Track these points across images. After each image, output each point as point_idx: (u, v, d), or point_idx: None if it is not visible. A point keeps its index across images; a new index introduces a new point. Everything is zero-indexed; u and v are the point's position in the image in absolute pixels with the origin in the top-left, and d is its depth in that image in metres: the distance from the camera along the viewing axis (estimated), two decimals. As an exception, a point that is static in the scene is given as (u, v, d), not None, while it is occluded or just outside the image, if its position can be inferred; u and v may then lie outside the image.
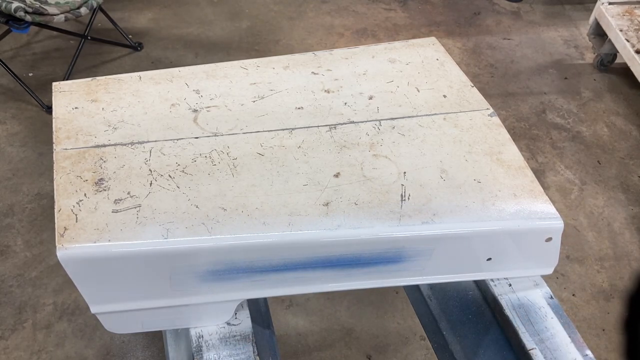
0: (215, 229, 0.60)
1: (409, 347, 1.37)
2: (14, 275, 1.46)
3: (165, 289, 0.63)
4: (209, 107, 0.75)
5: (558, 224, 0.67)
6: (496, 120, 0.78)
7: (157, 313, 0.66)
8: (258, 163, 0.68)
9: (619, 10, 2.14)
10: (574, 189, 1.79)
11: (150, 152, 0.68)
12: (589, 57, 2.33)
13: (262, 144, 0.71)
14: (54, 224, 0.60)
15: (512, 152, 0.73)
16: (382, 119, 0.76)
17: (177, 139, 0.70)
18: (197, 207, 0.62)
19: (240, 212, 0.62)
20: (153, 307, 0.65)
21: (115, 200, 0.62)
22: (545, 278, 0.75)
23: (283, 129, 0.73)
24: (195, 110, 0.75)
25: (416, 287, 0.82)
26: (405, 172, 0.69)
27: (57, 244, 0.58)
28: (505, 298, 0.71)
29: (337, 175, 0.68)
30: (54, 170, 0.65)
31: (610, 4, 2.16)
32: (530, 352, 0.66)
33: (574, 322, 0.71)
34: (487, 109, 0.79)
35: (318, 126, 0.74)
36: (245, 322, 0.67)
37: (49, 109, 1.90)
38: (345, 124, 0.75)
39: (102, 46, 2.19)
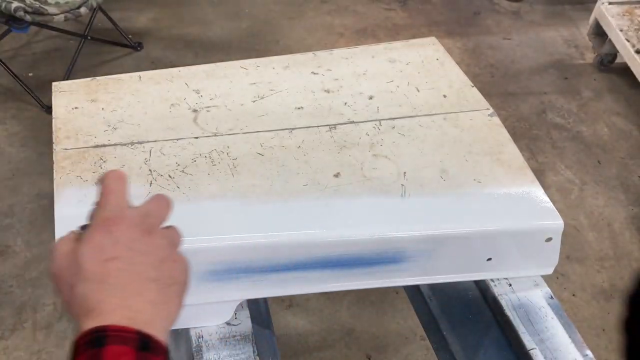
0: (214, 229, 0.60)
1: (409, 347, 1.37)
2: (14, 275, 1.46)
3: (165, 289, 0.63)
4: (208, 107, 0.75)
5: (558, 224, 0.67)
6: (496, 120, 0.78)
7: (157, 313, 0.66)
8: (258, 163, 0.68)
9: (619, 10, 2.14)
10: (574, 188, 1.79)
11: (150, 152, 0.68)
12: (589, 57, 2.33)
13: (262, 144, 0.71)
14: (54, 224, 0.60)
15: (512, 152, 0.73)
16: (382, 119, 0.76)
17: (177, 139, 0.70)
18: (196, 207, 0.62)
19: (240, 213, 0.62)
20: (153, 307, 0.65)
21: (115, 200, 0.62)
22: (546, 278, 0.75)
23: (283, 129, 0.73)
24: (195, 110, 0.75)
25: (416, 287, 0.82)
26: (405, 172, 0.69)
27: (56, 244, 0.58)
28: (506, 298, 0.71)
29: (337, 175, 0.68)
30: (54, 170, 0.65)
31: (610, 3, 2.16)
32: (530, 352, 0.66)
33: (574, 322, 0.71)
34: (488, 109, 0.79)
35: (318, 126, 0.74)
36: (245, 322, 0.67)
37: (48, 109, 1.90)
38: (345, 123, 0.75)
39: (102, 46, 2.19)
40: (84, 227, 0.40)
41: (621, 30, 2.05)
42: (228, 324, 0.66)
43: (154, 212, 0.41)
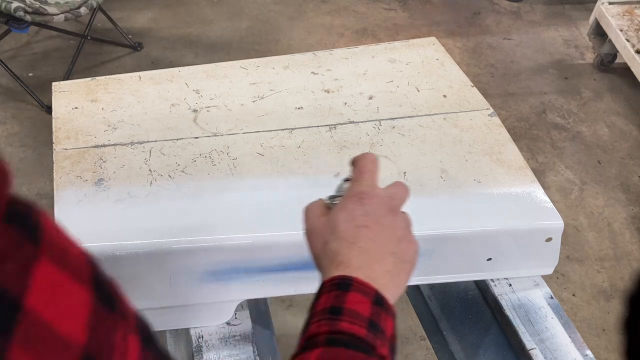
0: (215, 229, 0.60)
1: (409, 347, 1.37)
2: (13, 275, 1.46)
3: (165, 289, 0.63)
4: (208, 107, 0.75)
5: (558, 224, 0.67)
6: (496, 120, 0.78)
7: (157, 313, 0.66)
8: (258, 163, 0.68)
9: (619, 10, 2.14)
10: (574, 189, 1.79)
11: (150, 152, 0.68)
12: (589, 57, 2.33)
13: (262, 144, 0.71)
14: (54, 224, 0.60)
15: (512, 152, 0.73)
16: (382, 119, 0.76)
17: (177, 139, 0.70)
18: (197, 207, 0.62)
19: (240, 212, 0.62)
20: (153, 307, 0.65)
21: (115, 200, 0.62)
22: (546, 278, 0.75)
23: (283, 129, 0.73)
24: (195, 110, 0.75)
25: (416, 287, 0.82)
26: (405, 172, 0.69)
27: (56, 244, 0.58)
28: (506, 298, 0.71)
29: (337, 175, 0.68)
30: (54, 170, 0.65)
31: (610, 3, 2.16)
32: (530, 352, 0.66)
33: (574, 322, 0.71)
34: (487, 109, 0.79)
35: (318, 126, 0.74)
36: (245, 322, 0.67)
37: (48, 109, 1.90)
38: (345, 124, 0.75)
39: (102, 46, 2.19)
40: (331, 197, 0.47)
41: (621, 30, 2.05)
42: (228, 324, 0.66)
43: (397, 196, 0.45)
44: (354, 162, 0.47)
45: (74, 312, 0.19)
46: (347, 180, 0.47)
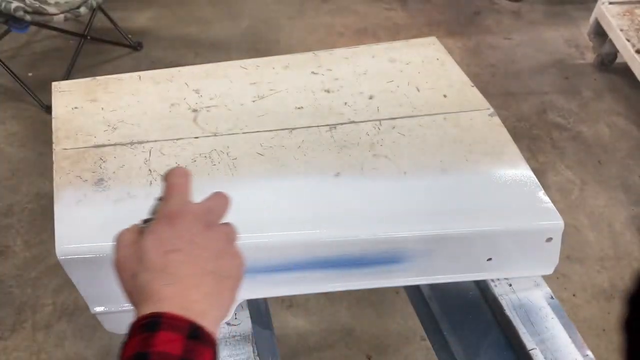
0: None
1: (409, 348, 1.37)
2: (13, 276, 1.46)
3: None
4: (208, 106, 0.75)
5: (558, 224, 0.67)
6: (497, 120, 0.77)
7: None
8: (258, 163, 0.68)
9: (619, 10, 2.13)
10: (575, 188, 1.79)
11: (150, 152, 0.68)
12: (590, 56, 2.33)
13: (262, 144, 0.71)
14: (54, 224, 0.60)
15: (512, 152, 0.73)
16: (382, 119, 0.76)
17: (177, 139, 0.70)
18: (196, 207, 0.62)
19: (239, 213, 0.62)
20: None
21: (115, 200, 0.62)
22: (546, 278, 0.74)
23: (283, 129, 0.73)
24: (195, 110, 0.75)
25: (416, 288, 0.82)
26: (405, 172, 0.69)
27: (56, 244, 0.58)
28: (506, 298, 0.71)
29: (337, 175, 0.68)
30: (54, 170, 0.65)
31: (610, 3, 2.16)
32: (531, 352, 0.66)
33: (575, 323, 0.71)
34: (488, 108, 0.79)
35: (318, 126, 0.74)
36: (245, 323, 0.67)
37: (48, 109, 1.90)
38: (346, 123, 0.75)
39: (102, 46, 2.19)
40: (146, 221, 0.41)
41: (621, 30, 2.04)
42: (228, 324, 0.66)
43: (214, 209, 0.42)
44: (164, 179, 0.42)
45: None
46: (160, 199, 0.42)
